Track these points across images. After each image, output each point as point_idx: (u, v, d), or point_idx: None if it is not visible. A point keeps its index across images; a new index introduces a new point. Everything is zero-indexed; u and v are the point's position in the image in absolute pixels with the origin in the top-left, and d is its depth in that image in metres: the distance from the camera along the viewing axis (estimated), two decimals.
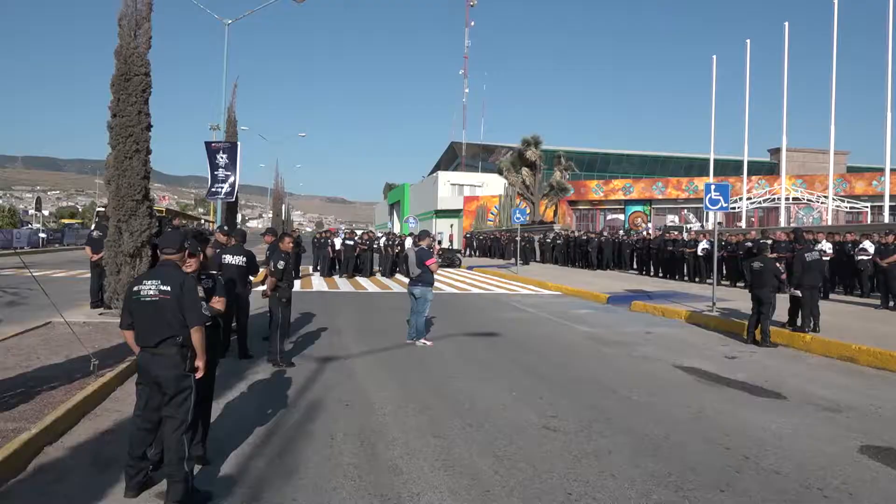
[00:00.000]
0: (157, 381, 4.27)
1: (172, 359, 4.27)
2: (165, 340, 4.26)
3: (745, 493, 4.51)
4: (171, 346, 4.27)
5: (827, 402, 7.03)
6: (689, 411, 6.61)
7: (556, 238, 32.83)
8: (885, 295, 14.33)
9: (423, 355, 9.42)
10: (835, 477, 4.83)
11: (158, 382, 4.27)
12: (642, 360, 9.32)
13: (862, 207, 43.74)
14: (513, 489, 4.53)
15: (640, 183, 56.73)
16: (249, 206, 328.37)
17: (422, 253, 10.37)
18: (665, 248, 23.22)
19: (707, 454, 5.30)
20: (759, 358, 9.64)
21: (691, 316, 13.34)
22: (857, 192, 47.63)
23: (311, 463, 4.99)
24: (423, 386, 7.54)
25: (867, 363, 9.09)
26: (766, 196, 45.20)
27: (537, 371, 8.47)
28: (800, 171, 55.45)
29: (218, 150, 20.02)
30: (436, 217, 65.60)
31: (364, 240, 25.33)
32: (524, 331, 11.97)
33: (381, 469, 4.89)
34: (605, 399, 7.06)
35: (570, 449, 5.37)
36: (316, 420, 6.12)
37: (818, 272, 10.81)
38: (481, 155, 79.36)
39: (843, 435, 5.86)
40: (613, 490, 4.53)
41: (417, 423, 6.08)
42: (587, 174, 65.02)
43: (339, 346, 10.13)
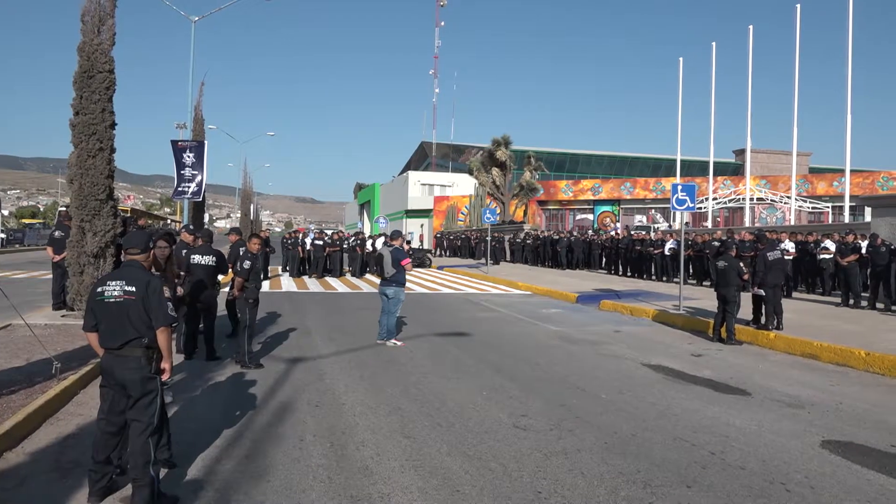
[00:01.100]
0: (122, 383, 4.19)
1: (138, 361, 4.19)
2: (130, 342, 4.18)
3: (711, 488, 4.58)
4: (137, 348, 4.19)
5: (790, 399, 7.18)
6: (656, 409, 6.69)
7: (526, 238, 33.01)
8: (845, 293, 14.68)
9: (393, 355, 9.39)
10: (797, 471, 4.93)
11: (123, 385, 4.19)
12: (611, 359, 9.41)
13: (823, 207, 44.81)
14: (483, 488, 4.54)
15: (609, 183, 57.35)
16: (217, 205, 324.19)
17: (397, 253, 10.34)
18: (633, 247, 23.50)
19: (674, 451, 5.37)
20: (725, 355, 9.80)
21: (659, 314, 13.52)
22: (818, 192, 48.76)
23: (280, 465, 4.94)
24: (393, 386, 7.52)
25: (828, 360, 9.30)
26: (731, 196, 46.04)
27: (507, 370, 8.50)
28: (764, 171, 56.58)
29: (185, 149, 19.73)
30: (406, 217, 65.50)
31: (334, 240, 25.19)
32: (494, 330, 12.01)
33: (351, 470, 4.86)
34: (575, 397, 7.12)
35: (540, 447, 5.40)
36: (285, 422, 6.07)
37: (781, 271, 11.03)
38: (451, 155, 79.46)
39: (805, 430, 5.99)
40: (583, 488, 4.56)
41: (388, 423, 6.06)
42: (557, 174, 65.53)
43: (309, 346, 10.05)
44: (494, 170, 42.63)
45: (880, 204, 16.99)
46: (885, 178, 48.57)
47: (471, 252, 38.05)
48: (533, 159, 43.84)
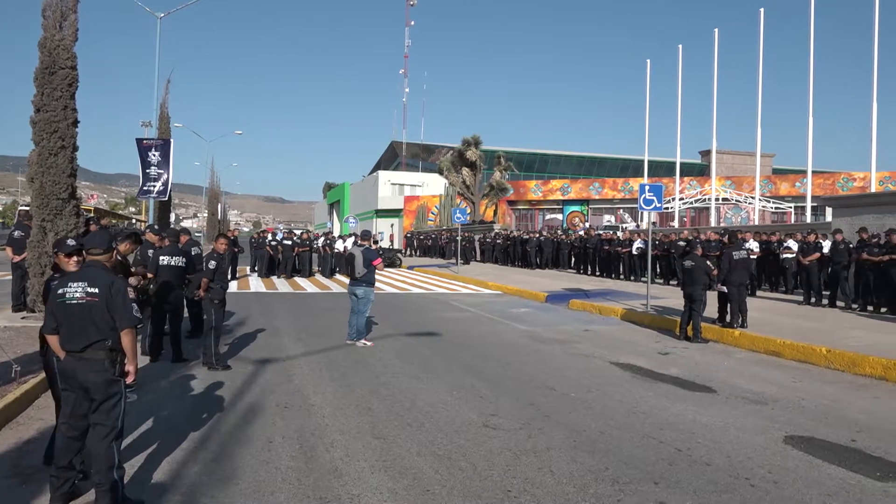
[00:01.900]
0: (85, 386, 4.10)
1: (101, 363, 4.10)
2: (93, 344, 4.09)
3: (678, 484, 4.65)
4: (100, 351, 4.10)
5: (754, 395, 7.31)
6: (624, 407, 6.76)
7: (496, 238, 33.13)
8: (807, 291, 15.01)
9: (363, 356, 9.35)
10: (761, 466, 5.02)
11: (86, 388, 4.10)
12: (580, 358, 9.49)
13: (786, 208, 45.78)
14: (453, 488, 4.54)
15: (578, 183, 57.82)
16: (184, 205, 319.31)
17: (368, 252, 10.32)
18: (601, 247, 23.74)
19: (642, 448, 5.43)
20: (691, 353, 9.95)
21: (627, 313, 13.67)
22: (781, 192, 49.78)
23: (248, 467, 4.89)
24: (363, 387, 7.48)
25: (791, 357, 9.50)
26: (697, 196, 46.77)
27: (478, 370, 8.52)
28: (729, 172, 57.55)
29: (150, 148, 19.42)
30: (376, 217, 65.29)
31: (303, 240, 24.99)
32: (465, 330, 12.03)
33: (320, 472, 4.82)
34: (544, 396, 7.16)
35: (509, 446, 5.42)
36: (253, 423, 6.00)
37: (745, 270, 11.23)
38: (422, 154, 79.42)
39: (768, 426, 6.11)
40: (552, 486, 4.59)
41: (357, 424, 6.03)
42: (526, 174, 65.90)
43: (278, 347, 9.96)
44: (464, 170, 42.75)
45: (841, 204, 17.42)
46: (845, 179, 49.77)
47: (441, 252, 38.06)
48: (503, 159, 44.03)
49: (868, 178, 28.61)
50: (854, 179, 48.57)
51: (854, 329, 11.06)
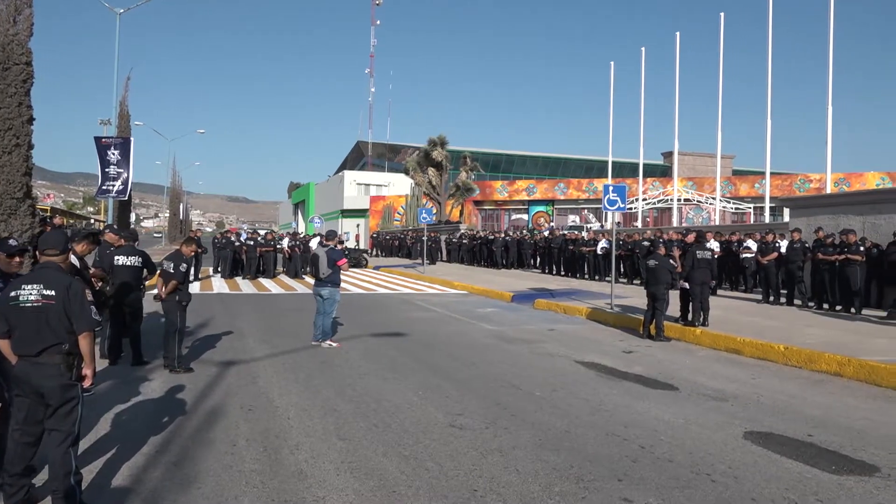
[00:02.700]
0: (40, 391, 3.98)
1: (57, 368, 3.99)
2: (49, 348, 3.98)
3: (642, 481, 4.71)
4: (56, 355, 3.99)
5: (714, 392, 7.45)
6: (589, 405, 6.83)
7: (462, 238, 33.20)
8: (765, 290, 15.35)
9: (328, 357, 9.29)
10: (722, 462, 5.12)
11: (41, 393, 3.98)
12: (546, 357, 9.56)
13: (746, 208, 46.78)
14: (419, 488, 4.53)
15: (543, 184, 58.28)
16: (144, 204, 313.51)
17: (333, 253, 10.25)
18: (566, 247, 23.96)
19: (606, 445, 5.49)
20: (654, 352, 10.10)
21: (591, 313, 13.82)
22: (741, 193, 50.86)
23: (210, 471, 4.81)
24: (328, 388, 7.43)
25: (750, 354, 9.70)
26: (660, 197, 47.53)
27: (444, 370, 8.53)
28: (690, 173, 58.60)
29: (109, 146, 19.02)
30: (342, 217, 64.95)
31: (267, 240, 24.71)
32: (431, 330, 12.02)
33: (285, 474, 4.77)
34: (510, 395, 7.20)
35: (475, 446, 5.44)
36: (216, 426, 5.91)
37: (708, 269, 11.44)
38: (388, 155, 79.21)
39: (728, 422, 6.23)
40: (518, 485, 4.62)
41: (323, 425, 5.99)
42: (492, 175, 66.18)
43: (241, 349, 9.83)
44: (431, 170, 42.78)
45: (797, 205, 17.85)
46: (802, 181, 51.07)
47: (407, 252, 38.00)
48: (469, 160, 44.16)
49: (824, 179, 29.40)
50: (810, 181, 49.87)
51: (810, 327, 11.34)
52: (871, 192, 23.32)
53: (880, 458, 5.22)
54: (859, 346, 9.28)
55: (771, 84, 28.62)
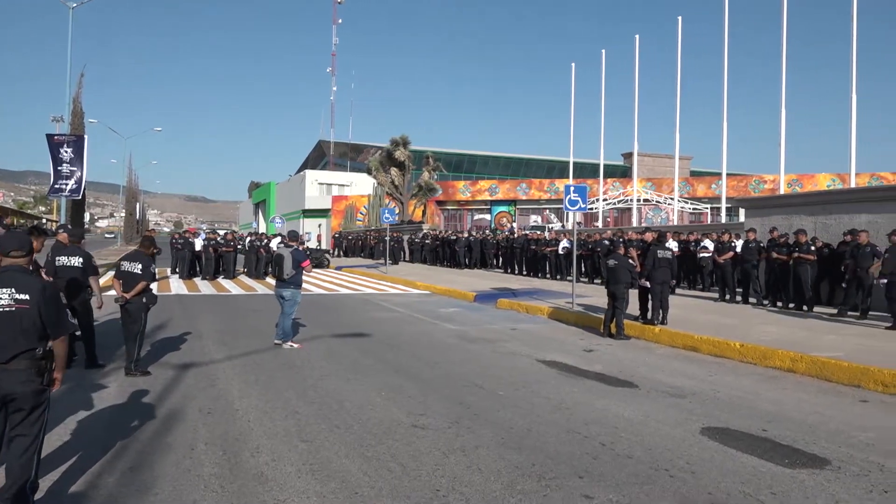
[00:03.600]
0: (11, 398, 3.81)
1: (28, 373, 3.81)
2: (21, 354, 3.80)
3: (602, 477, 4.77)
4: (26, 360, 3.81)
5: (673, 389, 7.58)
6: (551, 403, 6.89)
7: (425, 238, 33.19)
8: (722, 289, 15.70)
9: (290, 358, 9.19)
10: (680, 457, 5.21)
11: (12, 399, 3.82)
12: (508, 356, 9.61)
13: (703, 209, 47.70)
14: (381, 489, 4.51)
15: (506, 184, 58.64)
16: (99, 204, 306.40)
17: (297, 254, 10.16)
18: (528, 247, 24.13)
19: (567, 443, 5.55)
20: (614, 350, 10.23)
21: (553, 312, 13.94)
22: (698, 194, 51.91)
23: (168, 476, 4.71)
24: (289, 389, 7.35)
25: (707, 351, 9.90)
26: (620, 198, 48.19)
27: (407, 370, 8.51)
28: (649, 174, 59.53)
29: (62, 144, 18.55)
30: (303, 217, 64.37)
31: (227, 240, 24.34)
32: (394, 330, 11.99)
33: (245, 477, 4.71)
34: (473, 395, 7.22)
35: (438, 446, 5.44)
36: (174, 430, 5.80)
37: (668, 269, 11.66)
38: (350, 154, 78.75)
39: (686, 419, 6.35)
40: (480, 484, 4.63)
41: (284, 427, 5.92)
42: (455, 175, 66.30)
43: (200, 351, 9.66)
44: (393, 170, 42.69)
45: (752, 205, 18.29)
46: (756, 182, 52.35)
47: (370, 252, 37.84)
48: (431, 160, 44.21)
49: (777, 180, 30.15)
50: (765, 182, 51.15)
51: (765, 324, 11.63)
52: (822, 193, 24.02)
53: (831, 452, 5.38)
54: (811, 343, 9.55)
55: (727, 87, 29.26)
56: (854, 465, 5.05)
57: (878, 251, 12.16)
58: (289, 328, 10.14)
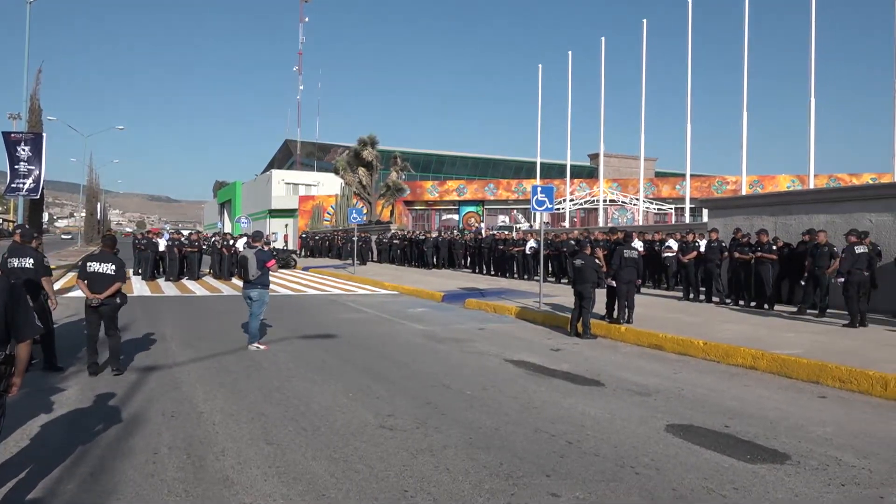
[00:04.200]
0: None
1: None
2: None
3: (569, 475, 4.81)
4: None
5: (638, 387, 7.68)
6: (518, 402, 6.92)
7: (393, 238, 33.11)
8: (686, 288, 15.95)
9: (256, 360, 9.08)
10: (645, 455, 5.28)
11: None
12: (476, 356, 9.63)
13: (667, 209, 48.43)
14: (349, 491, 4.49)
15: (473, 184, 58.79)
16: (59, 204, 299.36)
17: (262, 254, 10.05)
18: (496, 247, 24.23)
19: (535, 442, 5.58)
20: (581, 349, 10.33)
21: (521, 312, 14.02)
22: (663, 194, 52.69)
23: (130, 481, 4.62)
24: (255, 392, 7.26)
25: (672, 350, 10.05)
26: (586, 198, 48.68)
27: (374, 371, 8.48)
28: (615, 175, 60.25)
29: (19, 142, 18.07)
30: (270, 217, 63.73)
31: (191, 240, 23.96)
32: (361, 331, 11.93)
33: (209, 481, 4.64)
34: (441, 395, 7.22)
35: (406, 446, 5.42)
36: (136, 434, 5.68)
37: (634, 268, 11.81)
38: (317, 154, 78.19)
39: (651, 416, 6.43)
40: (448, 484, 4.63)
41: (250, 430, 5.85)
42: (423, 175, 66.28)
43: (164, 354, 9.50)
44: (361, 169, 42.48)
45: (715, 206, 18.61)
46: (719, 183, 53.32)
47: (337, 252, 37.61)
48: (399, 160, 44.11)
49: (739, 181, 30.78)
50: (727, 183, 52.12)
51: (727, 322, 11.84)
52: (783, 194, 24.57)
53: (791, 447, 5.50)
54: (772, 341, 9.76)
55: (691, 90, 29.76)
56: (813, 460, 5.18)
57: (834, 251, 12.48)
58: (256, 329, 10.02)
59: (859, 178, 48.72)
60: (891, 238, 13.04)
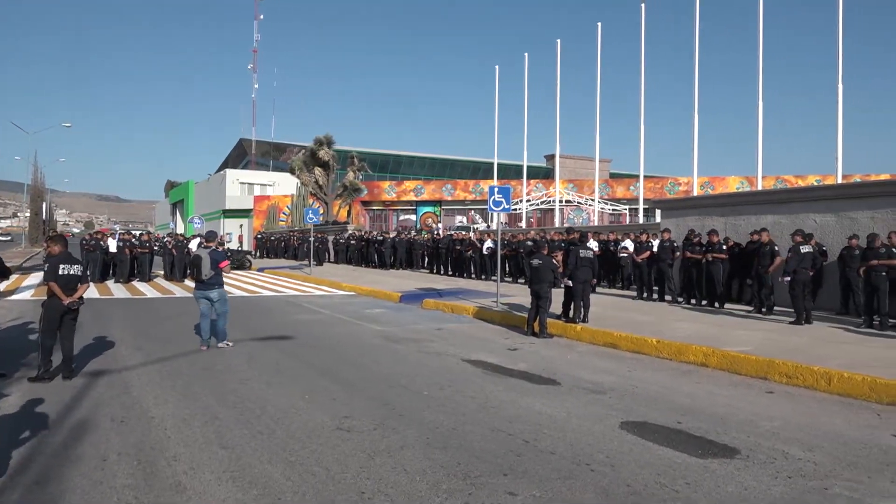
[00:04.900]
0: None
1: None
2: None
3: (526, 474, 4.84)
4: None
5: (594, 386, 7.78)
6: (476, 402, 6.94)
7: (350, 238, 32.90)
8: (639, 287, 16.23)
9: (209, 362, 8.91)
10: (600, 452, 5.35)
11: None
12: (433, 356, 9.63)
13: (622, 209, 49.24)
14: (305, 494, 4.44)
15: (431, 185, 58.80)
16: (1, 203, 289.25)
17: (215, 254, 9.99)
18: (454, 247, 24.28)
19: (492, 441, 5.60)
20: (538, 348, 10.42)
21: (478, 312, 14.07)
22: (618, 195, 53.55)
23: (78, 489, 4.48)
24: (209, 395, 7.13)
25: (626, 348, 10.22)
26: (543, 198, 49.17)
27: (332, 372, 8.40)
28: (571, 176, 60.94)
29: None
30: (224, 217, 62.63)
31: (142, 241, 23.39)
32: (318, 332, 11.82)
33: (161, 488, 4.53)
34: (399, 396, 7.19)
35: (363, 448, 5.39)
36: (84, 441, 5.52)
37: (590, 268, 11.96)
38: (272, 153, 77.16)
39: (606, 414, 6.53)
40: (406, 485, 4.62)
41: (203, 434, 5.73)
42: (380, 175, 65.99)
43: (113, 357, 9.25)
44: (317, 169, 42.10)
45: (668, 206, 18.99)
46: (672, 184, 54.45)
47: (293, 253, 37.19)
48: (356, 160, 43.87)
49: (691, 182, 31.47)
50: (680, 184, 53.25)
51: (679, 321, 12.09)
52: (732, 195, 25.21)
53: (740, 441, 5.64)
54: (722, 338, 10.00)
55: (644, 93, 30.33)
56: (761, 454, 5.32)
57: (776, 250, 12.84)
58: (223, 328, 10.07)
59: (805, 179, 50.33)
60: (834, 238, 13.49)
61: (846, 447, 5.51)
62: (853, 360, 8.22)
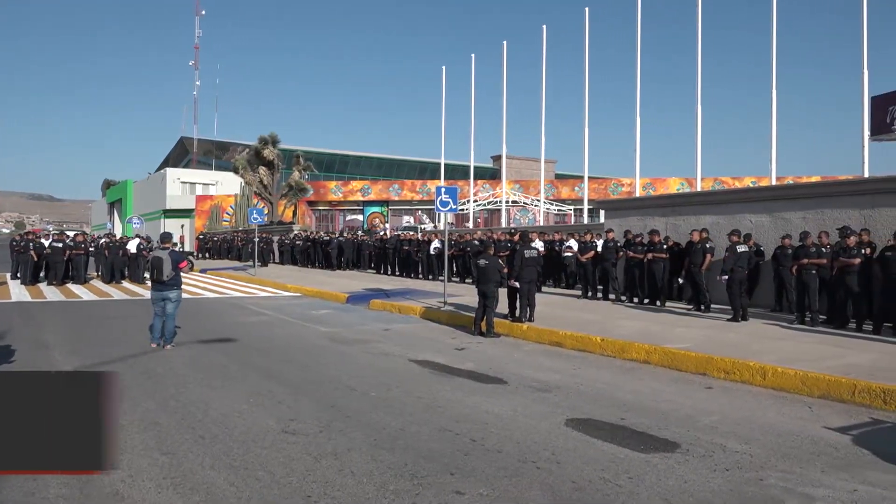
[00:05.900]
0: None
1: None
2: None
3: (473, 473, 4.86)
4: None
5: (540, 384, 7.87)
6: (423, 402, 6.94)
7: (296, 239, 32.48)
8: (584, 286, 16.50)
9: (149, 366, 8.66)
10: (546, 449, 5.42)
11: None
12: (381, 357, 9.59)
13: (567, 210, 49.99)
14: (249, 499, 4.35)
15: (378, 185, 58.57)
16: None
17: (175, 255, 10.13)
18: (401, 247, 24.22)
19: (439, 441, 5.61)
20: (485, 348, 10.48)
21: (425, 312, 14.07)
22: (563, 196, 54.34)
23: (9, 502, 4.29)
24: (149, 400, 6.92)
25: (572, 346, 10.37)
26: (489, 199, 49.52)
27: (277, 375, 8.27)
28: (517, 176, 61.51)
29: None
30: (164, 217, 60.96)
31: (77, 242, 22.56)
32: (263, 334, 11.63)
33: (97, 497, 4.38)
34: (345, 397, 7.13)
35: (309, 451, 5.32)
36: None
37: (535, 268, 12.08)
38: (215, 152, 75.45)
39: (552, 412, 6.61)
40: (352, 487, 4.58)
41: (143, 440, 5.57)
42: (326, 175, 65.28)
43: (46, 362, 8.90)
44: (262, 169, 41.43)
45: (611, 207, 19.37)
46: (615, 185, 55.58)
47: (237, 254, 36.49)
48: (302, 159, 43.33)
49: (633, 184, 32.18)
50: (623, 185, 54.38)
51: (623, 319, 12.34)
52: (673, 196, 25.89)
53: (681, 436, 5.80)
54: (663, 336, 10.25)
55: (588, 95, 30.85)
56: (700, 448, 5.48)
57: (706, 248, 13.22)
58: (172, 329, 10.15)
59: (741, 181, 51.99)
60: (768, 237, 13.99)
61: (780, 439, 5.72)
62: (786, 356, 8.54)
